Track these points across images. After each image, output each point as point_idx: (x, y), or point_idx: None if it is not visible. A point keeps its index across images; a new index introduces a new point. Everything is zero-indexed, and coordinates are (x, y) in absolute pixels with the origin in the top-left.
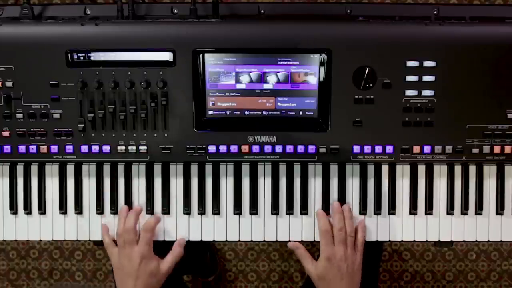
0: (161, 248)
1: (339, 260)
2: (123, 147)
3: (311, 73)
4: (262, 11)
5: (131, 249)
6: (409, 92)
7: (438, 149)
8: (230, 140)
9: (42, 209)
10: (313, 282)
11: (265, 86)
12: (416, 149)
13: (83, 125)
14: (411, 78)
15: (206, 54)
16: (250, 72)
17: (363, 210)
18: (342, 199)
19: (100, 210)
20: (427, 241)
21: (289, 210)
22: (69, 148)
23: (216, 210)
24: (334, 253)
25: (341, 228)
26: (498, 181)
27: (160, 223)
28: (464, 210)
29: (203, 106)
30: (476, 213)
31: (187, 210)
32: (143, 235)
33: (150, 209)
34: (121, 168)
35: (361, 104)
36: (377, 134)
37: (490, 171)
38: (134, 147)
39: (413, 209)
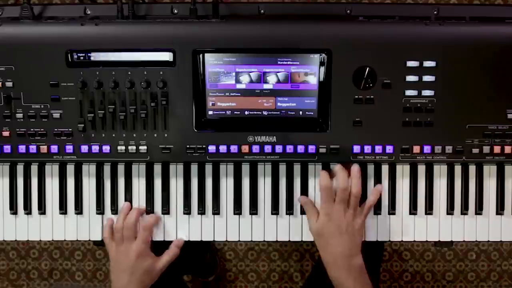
0: (161, 247)
1: (337, 218)
2: (123, 147)
3: (311, 73)
4: (262, 11)
5: (129, 246)
6: (409, 92)
7: (438, 149)
8: (230, 140)
9: (42, 209)
10: (314, 239)
11: (265, 86)
12: (416, 149)
13: (83, 125)
14: (411, 78)
15: (206, 54)
16: (250, 72)
17: None
18: None
19: (100, 210)
20: (427, 241)
21: (289, 210)
22: (69, 148)
23: (216, 210)
24: (332, 210)
25: (345, 188)
26: (498, 181)
27: (160, 223)
28: (464, 210)
29: (203, 106)
30: (476, 213)
31: (187, 210)
32: (141, 233)
33: (150, 209)
34: (121, 168)
35: (361, 104)
36: (377, 134)
37: (490, 171)
38: (134, 147)
39: (413, 209)
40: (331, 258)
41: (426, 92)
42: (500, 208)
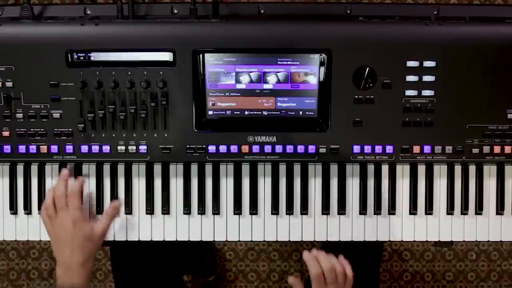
0: (163, 247)
1: None
2: (123, 147)
3: (311, 73)
4: (262, 11)
5: (62, 216)
6: (409, 92)
7: (438, 149)
8: (230, 140)
9: None
10: None
11: (265, 86)
12: (416, 149)
13: (83, 125)
14: (411, 78)
15: (206, 54)
16: (250, 72)
17: (363, 210)
18: (342, 199)
19: (100, 210)
20: (427, 241)
21: (289, 210)
22: (69, 148)
23: (216, 210)
24: None
25: (330, 268)
26: (498, 181)
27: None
28: (464, 210)
29: (203, 106)
30: (476, 213)
31: (187, 210)
32: (70, 200)
33: (150, 209)
34: (121, 168)
35: (361, 104)
36: (377, 134)
37: (490, 171)
38: (134, 147)
39: (413, 209)
40: None
41: (426, 92)
42: (500, 208)
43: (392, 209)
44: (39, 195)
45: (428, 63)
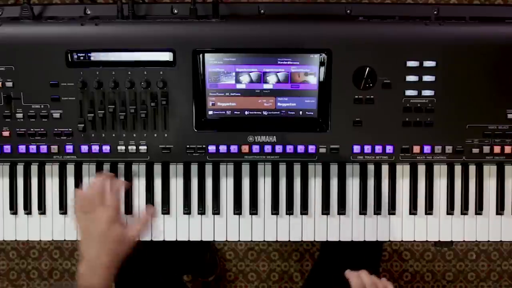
0: (162, 247)
1: None
2: (123, 147)
3: (311, 73)
4: (262, 11)
5: (98, 213)
6: (409, 92)
7: (438, 149)
8: (230, 140)
9: (42, 209)
10: None
11: (265, 86)
12: (416, 149)
13: (83, 125)
14: (411, 78)
15: (206, 54)
16: (250, 72)
17: (363, 210)
18: (342, 199)
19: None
20: (427, 241)
21: (289, 210)
22: (69, 148)
23: (216, 210)
24: None
25: (372, 282)
26: (498, 181)
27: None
28: (464, 210)
29: (203, 106)
30: (476, 213)
31: (187, 210)
32: (110, 198)
33: None
34: (121, 168)
35: (361, 104)
36: (377, 134)
37: (490, 171)
38: (134, 147)
39: (413, 209)
40: None
41: (426, 92)
42: (500, 208)
43: (392, 209)
44: (39, 195)
45: (428, 63)
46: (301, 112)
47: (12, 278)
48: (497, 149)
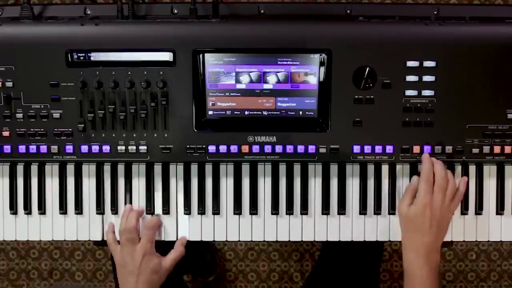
0: (161, 247)
1: (434, 209)
2: (123, 147)
3: (311, 73)
4: (262, 11)
5: (133, 247)
6: (409, 92)
7: (438, 149)
8: (230, 140)
9: (42, 209)
10: (400, 220)
11: (265, 86)
12: (416, 149)
13: (83, 125)
14: (411, 78)
15: (206, 54)
16: (250, 72)
17: (363, 210)
18: (342, 199)
19: (100, 210)
20: None
21: (289, 210)
22: (69, 148)
23: (216, 210)
24: (432, 201)
25: (444, 176)
26: (498, 181)
27: (161, 224)
28: (464, 210)
29: (203, 106)
30: (476, 213)
31: (187, 210)
32: (145, 232)
33: (150, 209)
34: (121, 168)
35: (361, 104)
36: (377, 134)
37: (490, 171)
38: (134, 147)
39: None
40: (414, 243)
41: (426, 92)
42: (500, 208)
43: (392, 209)
44: (39, 195)
45: (428, 63)
46: (301, 112)
47: (12, 278)
48: (497, 149)
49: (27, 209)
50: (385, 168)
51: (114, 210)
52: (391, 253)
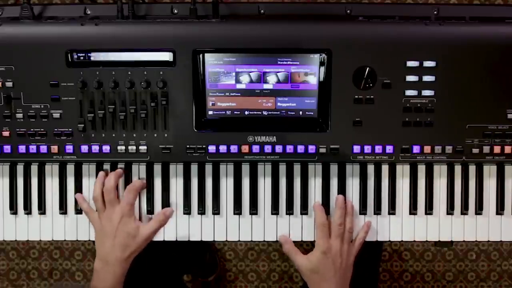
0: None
1: (334, 255)
2: (123, 147)
3: (311, 73)
4: (262, 11)
5: (112, 209)
6: (409, 92)
7: (438, 149)
8: (230, 140)
9: (42, 209)
10: (303, 277)
11: (265, 86)
12: (416, 149)
13: (83, 125)
14: (411, 78)
15: (206, 54)
16: (250, 72)
17: (363, 210)
18: None
19: (150, 210)
20: (427, 241)
21: (289, 210)
22: (69, 148)
23: (216, 210)
24: (330, 246)
25: (340, 223)
26: (498, 181)
27: (144, 186)
28: (464, 210)
29: (203, 106)
30: (476, 213)
31: (187, 210)
32: (126, 194)
33: (150, 209)
34: (121, 168)
35: (361, 104)
36: (377, 134)
37: (490, 171)
38: (134, 147)
39: (413, 209)
40: None
41: (426, 92)
42: (500, 208)
43: (392, 209)
44: (39, 195)
45: (428, 63)
46: (301, 112)
47: (12, 278)
48: (497, 149)
49: (27, 209)
50: (385, 168)
51: None
52: (391, 253)
